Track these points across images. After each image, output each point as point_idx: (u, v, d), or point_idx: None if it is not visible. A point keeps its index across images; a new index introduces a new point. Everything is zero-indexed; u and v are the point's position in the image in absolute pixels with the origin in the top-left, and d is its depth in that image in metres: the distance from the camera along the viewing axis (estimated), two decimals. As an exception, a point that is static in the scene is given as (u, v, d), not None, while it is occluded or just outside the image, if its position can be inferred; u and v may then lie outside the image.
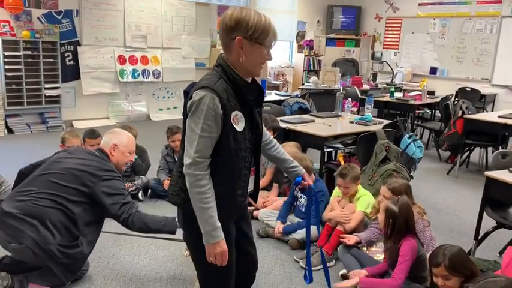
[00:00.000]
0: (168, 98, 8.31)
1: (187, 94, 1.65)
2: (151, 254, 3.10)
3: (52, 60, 6.78)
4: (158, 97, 8.24)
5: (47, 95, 6.73)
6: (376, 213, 2.93)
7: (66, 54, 7.07)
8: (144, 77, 7.92)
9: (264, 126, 1.95)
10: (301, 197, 3.51)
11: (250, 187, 1.80)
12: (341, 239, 2.90)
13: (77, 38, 7.15)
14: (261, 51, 1.62)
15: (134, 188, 4.03)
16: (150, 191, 4.16)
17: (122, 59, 7.65)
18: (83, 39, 7.19)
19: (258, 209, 3.76)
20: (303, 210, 3.48)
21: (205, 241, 1.60)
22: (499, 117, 5.15)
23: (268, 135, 1.97)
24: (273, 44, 1.66)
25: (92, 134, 4.19)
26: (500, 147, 4.97)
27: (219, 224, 1.59)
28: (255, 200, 2.00)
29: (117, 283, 2.73)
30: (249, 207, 3.69)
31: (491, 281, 1.78)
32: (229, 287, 1.77)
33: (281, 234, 3.36)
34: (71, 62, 7.16)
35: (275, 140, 2.00)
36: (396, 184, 2.82)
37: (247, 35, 1.57)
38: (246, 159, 1.67)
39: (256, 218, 3.69)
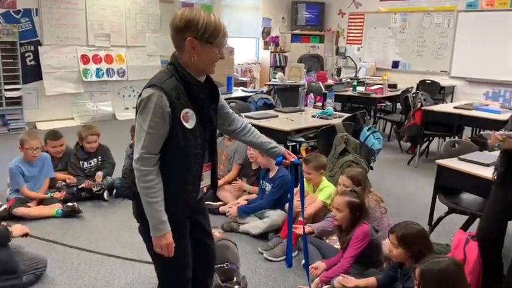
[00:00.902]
0: (134, 96, 8.22)
1: None
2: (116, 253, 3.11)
3: (12, 60, 6.60)
4: (124, 96, 8.16)
5: (7, 96, 6.56)
6: None
7: (26, 55, 6.91)
8: (108, 76, 7.82)
9: (235, 114, 1.98)
10: (266, 187, 3.62)
11: (207, 182, 1.85)
12: (293, 230, 2.99)
13: (38, 37, 6.99)
14: (213, 50, 1.65)
15: (99, 188, 4.01)
16: (115, 190, 4.14)
17: (85, 58, 7.53)
18: (43, 39, 7.03)
19: (225, 204, 3.82)
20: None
21: (152, 234, 1.66)
22: (455, 108, 5.38)
23: (241, 122, 1.98)
24: (224, 43, 1.69)
25: (54, 135, 4.15)
26: (456, 137, 5.19)
27: (165, 217, 1.64)
28: (214, 192, 2.06)
29: (82, 282, 2.74)
30: (215, 203, 3.82)
31: (435, 262, 1.90)
32: (185, 278, 1.82)
33: (232, 213, 3.51)
34: (32, 62, 7.00)
35: (249, 125, 2.00)
36: (354, 172, 2.96)
37: (198, 36, 1.60)
38: (197, 156, 1.71)
39: (224, 214, 3.75)
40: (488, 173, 2.77)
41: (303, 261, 2.96)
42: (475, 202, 3.14)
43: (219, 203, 3.85)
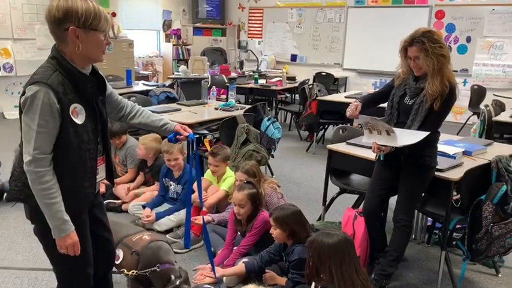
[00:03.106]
0: (25, 93, 7.63)
1: None
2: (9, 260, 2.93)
3: None
4: (12, 93, 7.54)
5: None
6: None
7: None
8: (-7, 72, 7.17)
9: (124, 100, 1.95)
10: (171, 186, 3.61)
11: (102, 176, 1.82)
12: (194, 221, 3.06)
13: None
14: (98, 37, 1.61)
15: (-14, 192, 3.70)
16: (5, 194, 3.84)
17: (-37, 52, 6.82)
18: None
19: (126, 202, 3.76)
20: (174, 196, 3.61)
21: (55, 235, 1.61)
22: (346, 97, 5.81)
23: (130, 105, 1.95)
24: (108, 27, 1.65)
25: None
26: (348, 124, 5.61)
27: (67, 217, 1.60)
28: (112, 184, 2.03)
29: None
30: (116, 201, 3.73)
31: (326, 234, 2.06)
32: (86, 276, 1.78)
33: (150, 220, 3.42)
34: None
35: (138, 107, 1.98)
36: (247, 166, 3.10)
37: (80, 24, 1.55)
38: (90, 151, 1.67)
39: (126, 211, 3.69)
40: (372, 155, 3.06)
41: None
42: (363, 182, 3.43)
43: (119, 201, 3.79)
